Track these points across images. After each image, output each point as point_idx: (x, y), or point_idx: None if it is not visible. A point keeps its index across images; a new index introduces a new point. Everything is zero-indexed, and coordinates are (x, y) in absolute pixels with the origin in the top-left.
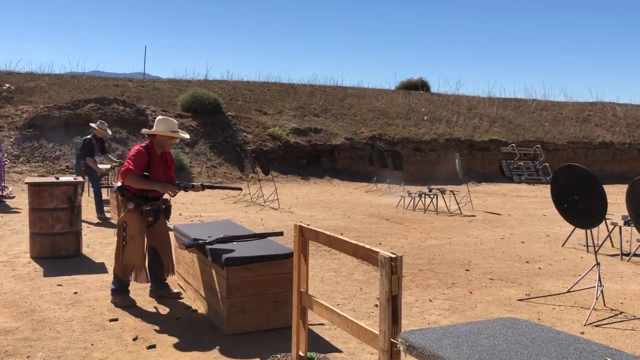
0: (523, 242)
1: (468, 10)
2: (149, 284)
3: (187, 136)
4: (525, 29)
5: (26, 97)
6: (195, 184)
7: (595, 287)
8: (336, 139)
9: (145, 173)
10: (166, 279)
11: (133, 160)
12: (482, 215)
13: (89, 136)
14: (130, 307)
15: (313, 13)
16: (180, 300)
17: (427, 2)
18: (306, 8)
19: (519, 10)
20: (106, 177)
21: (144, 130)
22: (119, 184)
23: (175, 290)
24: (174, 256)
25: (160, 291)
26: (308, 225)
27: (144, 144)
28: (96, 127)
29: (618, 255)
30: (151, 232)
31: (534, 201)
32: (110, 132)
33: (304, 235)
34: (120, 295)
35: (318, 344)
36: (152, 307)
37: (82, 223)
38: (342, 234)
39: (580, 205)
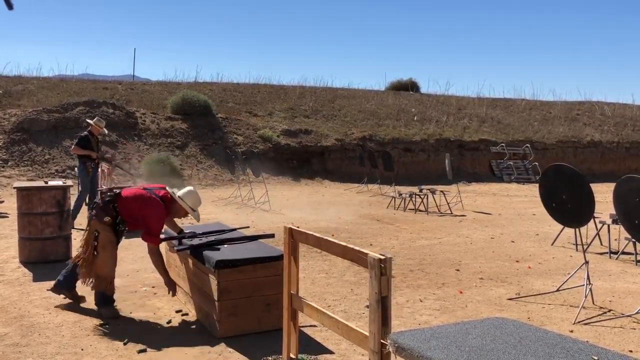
0: (513, 242)
1: (457, 11)
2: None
3: (198, 221)
4: (514, 29)
5: (14, 101)
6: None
7: (584, 285)
8: (327, 140)
9: None
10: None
11: (160, 229)
12: (472, 215)
13: (85, 132)
14: (116, 318)
15: (302, 15)
16: (171, 304)
17: (416, 4)
18: (295, 10)
19: (507, 11)
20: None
21: (174, 193)
22: (111, 191)
23: (80, 294)
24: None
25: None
26: (298, 227)
27: (160, 198)
28: (93, 124)
29: (606, 253)
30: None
31: (523, 200)
32: (106, 131)
33: (294, 237)
34: (105, 306)
35: (309, 345)
36: (142, 311)
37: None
38: (333, 236)
39: (568, 205)
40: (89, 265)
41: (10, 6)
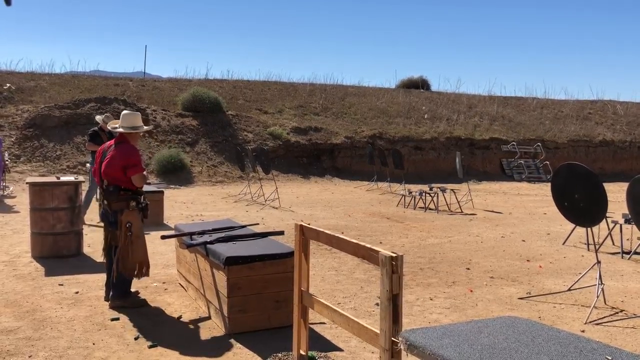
0: (524, 241)
1: (468, 8)
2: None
3: (151, 127)
4: (526, 27)
5: (27, 97)
6: None
7: (595, 285)
8: (336, 137)
9: None
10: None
11: (139, 160)
12: (482, 214)
13: (95, 128)
14: (144, 306)
15: (313, 12)
16: (181, 299)
17: (427, 1)
18: (306, 7)
19: (519, 8)
20: None
21: (113, 129)
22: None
23: (141, 297)
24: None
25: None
26: (309, 224)
27: (124, 139)
28: (101, 122)
29: (619, 253)
30: None
31: (534, 200)
32: (117, 125)
33: (305, 234)
34: (129, 297)
35: (319, 342)
36: (153, 306)
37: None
38: (342, 233)
39: (580, 204)
40: (127, 256)
41: (7, 2)
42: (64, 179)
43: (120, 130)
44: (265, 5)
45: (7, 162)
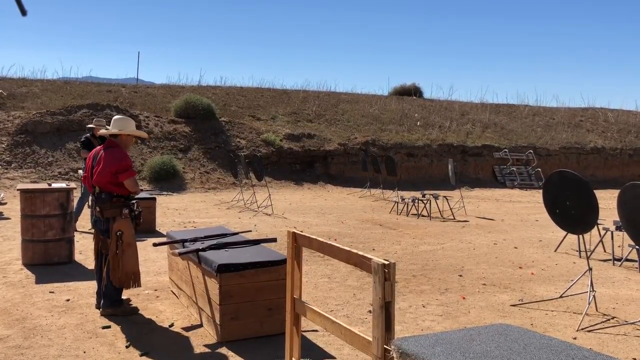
0: (516, 248)
1: (460, 16)
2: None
3: (146, 135)
4: (518, 35)
5: (18, 103)
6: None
7: (587, 292)
8: (329, 144)
9: None
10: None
11: (129, 163)
12: (475, 221)
13: (87, 134)
14: (136, 314)
15: (306, 19)
16: (173, 307)
17: (420, 9)
18: (299, 14)
19: (511, 17)
20: None
21: (104, 133)
22: (101, 193)
23: (132, 305)
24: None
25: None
26: (301, 231)
27: (113, 144)
28: (94, 126)
29: (610, 260)
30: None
31: (526, 206)
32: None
33: (297, 241)
34: (120, 305)
35: (312, 350)
36: (144, 314)
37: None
38: (335, 240)
39: (572, 211)
40: (117, 266)
41: (23, 12)
42: (55, 185)
43: (115, 131)
44: (258, 13)
45: None
